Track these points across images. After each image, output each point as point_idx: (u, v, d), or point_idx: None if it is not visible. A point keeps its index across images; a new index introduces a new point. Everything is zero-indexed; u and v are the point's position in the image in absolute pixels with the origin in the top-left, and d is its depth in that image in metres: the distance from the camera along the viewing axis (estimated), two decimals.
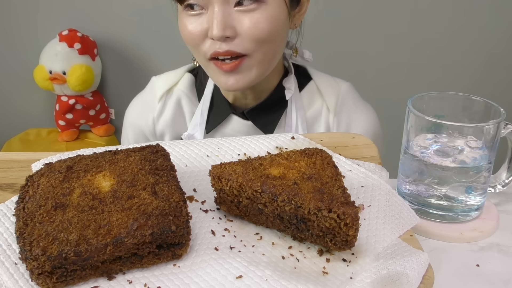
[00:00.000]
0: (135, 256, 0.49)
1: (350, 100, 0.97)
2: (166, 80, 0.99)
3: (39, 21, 2.08)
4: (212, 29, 0.79)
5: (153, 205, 0.51)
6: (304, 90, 0.96)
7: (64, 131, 2.09)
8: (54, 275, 0.47)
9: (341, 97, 0.96)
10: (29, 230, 0.49)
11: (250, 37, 0.80)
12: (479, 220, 0.66)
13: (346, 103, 0.96)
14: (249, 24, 0.80)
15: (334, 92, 0.96)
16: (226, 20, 0.79)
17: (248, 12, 0.80)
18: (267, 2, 0.80)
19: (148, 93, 1.00)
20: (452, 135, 0.65)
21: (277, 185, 0.53)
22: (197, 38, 0.83)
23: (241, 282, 0.48)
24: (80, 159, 0.59)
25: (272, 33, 0.82)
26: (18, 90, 2.19)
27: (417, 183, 0.65)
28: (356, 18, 1.97)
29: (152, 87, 1.00)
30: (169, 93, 0.98)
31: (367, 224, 0.56)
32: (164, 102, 0.97)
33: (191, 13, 0.82)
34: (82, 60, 1.97)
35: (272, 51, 0.85)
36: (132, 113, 1.01)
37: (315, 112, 0.96)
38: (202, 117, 0.94)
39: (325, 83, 0.97)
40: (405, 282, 0.49)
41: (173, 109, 0.97)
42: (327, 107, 0.95)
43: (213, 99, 0.96)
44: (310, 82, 0.97)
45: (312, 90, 0.97)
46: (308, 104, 0.96)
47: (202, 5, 0.81)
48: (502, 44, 1.99)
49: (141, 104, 1.01)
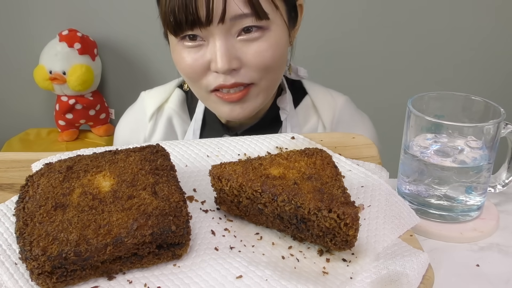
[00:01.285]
0: (135, 256, 0.49)
1: (347, 116, 0.95)
2: (156, 98, 0.95)
3: (39, 21, 2.08)
4: (216, 62, 0.75)
5: (153, 205, 0.51)
6: (299, 107, 0.94)
7: (64, 131, 2.09)
8: (54, 275, 0.47)
9: (337, 113, 0.93)
10: (29, 230, 0.49)
11: (256, 66, 0.77)
12: (479, 220, 0.66)
13: (343, 119, 0.94)
14: (254, 54, 0.76)
15: (330, 108, 0.93)
16: (230, 52, 0.75)
17: (252, 41, 0.76)
18: (270, 29, 0.77)
19: (138, 110, 0.98)
20: (452, 135, 0.65)
21: (277, 185, 0.53)
22: (198, 71, 0.78)
23: (241, 282, 0.48)
24: (80, 159, 0.59)
25: (277, 59, 0.79)
26: (18, 90, 2.19)
27: (417, 183, 0.65)
28: (356, 18, 1.97)
29: (142, 103, 0.97)
30: (159, 111, 0.95)
31: (367, 224, 0.56)
32: (155, 121, 0.94)
33: (189, 44, 0.77)
34: (82, 60, 1.97)
35: (278, 76, 0.83)
36: (124, 130, 0.99)
37: (311, 129, 0.93)
38: (195, 136, 0.92)
39: (320, 98, 0.94)
40: (405, 282, 0.49)
41: (164, 129, 0.94)
42: (323, 124, 0.93)
43: (205, 118, 0.93)
44: (306, 97, 0.95)
45: (308, 106, 0.94)
46: (304, 121, 0.93)
47: (202, 36, 0.76)
48: (502, 44, 1.99)
49: (132, 122, 0.98)
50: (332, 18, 1.96)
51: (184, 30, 0.76)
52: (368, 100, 1.01)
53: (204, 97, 0.84)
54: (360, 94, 1.02)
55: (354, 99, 1.01)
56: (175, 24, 0.75)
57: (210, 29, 0.74)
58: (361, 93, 1.01)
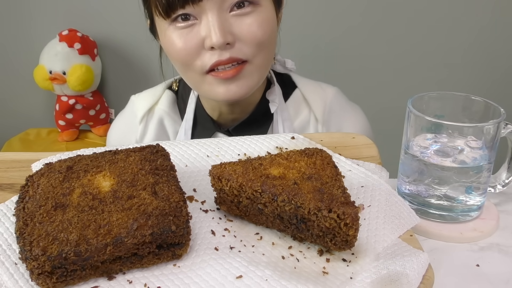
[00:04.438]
0: (135, 256, 0.49)
1: (338, 106, 0.95)
2: (146, 100, 0.96)
3: (39, 21, 2.08)
4: (211, 37, 0.76)
5: (153, 205, 0.51)
6: (289, 100, 0.94)
7: (64, 131, 2.09)
8: (54, 275, 0.47)
9: (328, 104, 0.94)
10: (29, 230, 0.49)
11: (250, 40, 0.78)
12: (479, 220, 0.66)
13: (334, 109, 0.94)
14: (247, 28, 0.77)
15: (320, 100, 0.94)
16: (224, 26, 0.76)
17: (244, 16, 0.77)
18: (261, 4, 0.79)
19: (128, 114, 0.98)
20: (452, 135, 0.65)
21: (277, 185, 0.53)
22: (192, 52, 0.78)
23: (241, 282, 0.48)
24: (80, 159, 0.59)
25: (269, 35, 0.80)
26: (18, 90, 2.19)
27: (417, 183, 0.65)
28: (356, 18, 1.97)
29: (133, 107, 0.97)
30: (150, 113, 0.95)
31: (367, 224, 0.56)
32: (145, 123, 0.95)
33: (181, 25, 0.78)
34: (82, 60, 1.97)
35: (270, 55, 0.83)
36: (115, 135, 0.99)
37: (303, 121, 0.93)
38: (186, 136, 0.92)
39: (310, 90, 0.95)
40: (405, 282, 0.49)
41: (155, 130, 0.94)
42: (314, 116, 0.93)
43: (196, 117, 0.93)
44: (296, 90, 0.95)
45: (298, 99, 0.94)
46: (295, 114, 0.93)
47: (195, 14, 0.76)
48: (502, 44, 1.99)
49: (123, 126, 0.98)
50: (331, 18, 1.95)
51: (175, 8, 0.76)
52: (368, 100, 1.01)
53: (198, 82, 0.83)
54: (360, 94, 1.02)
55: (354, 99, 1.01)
56: (166, 3, 0.75)
57: (202, 4, 0.75)
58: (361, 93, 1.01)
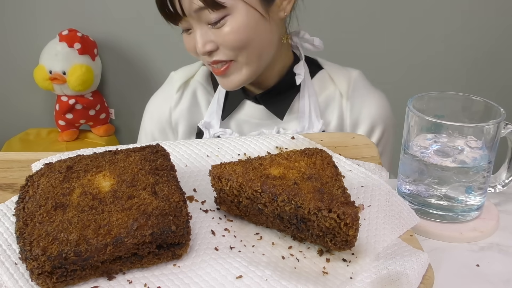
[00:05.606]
0: (135, 256, 0.49)
1: (362, 85, 1.01)
2: (184, 73, 1.06)
3: (39, 21, 2.07)
4: (197, 47, 0.89)
5: (153, 205, 0.51)
6: (315, 78, 1.00)
7: (64, 131, 2.09)
8: (54, 275, 0.47)
9: (352, 82, 1.00)
10: (29, 230, 0.49)
11: (228, 47, 0.88)
12: (479, 220, 0.66)
13: (358, 88, 1.00)
14: (224, 37, 0.87)
15: (345, 78, 1.00)
16: (204, 38, 0.88)
17: (219, 28, 0.87)
18: (232, 14, 0.86)
19: (166, 86, 1.07)
20: (452, 135, 0.65)
21: (277, 185, 0.53)
22: (193, 52, 0.93)
23: (241, 282, 0.48)
24: (80, 159, 0.59)
25: (245, 40, 0.87)
26: (18, 90, 2.19)
27: (417, 183, 0.65)
28: (356, 18, 1.97)
29: (171, 80, 1.07)
30: (186, 85, 1.05)
31: (367, 224, 0.56)
32: (181, 93, 1.04)
33: (186, 31, 0.92)
34: (82, 60, 1.97)
35: (256, 51, 0.90)
36: (152, 105, 1.08)
37: (328, 97, 0.99)
38: (219, 105, 1.00)
39: (336, 71, 1.02)
40: (405, 282, 0.49)
41: (189, 99, 1.03)
42: (339, 92, 0.99)
43: None
44: (321, 70, 1.02)
45: (324, 77, 1.01)
46: (320, 90, 0.99)
47: (187, 26, 0.90)
48: (502, 44, 1.99)
49: (160, 97, 1.07)
50: (330, 18, 1.95)
51: (172, 22, 0.91)
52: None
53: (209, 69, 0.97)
54: None
55: None
56: (165, 18, 0.90)
57: (188, 19, 0.88)
58: None
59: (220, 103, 1.00)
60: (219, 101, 1.01)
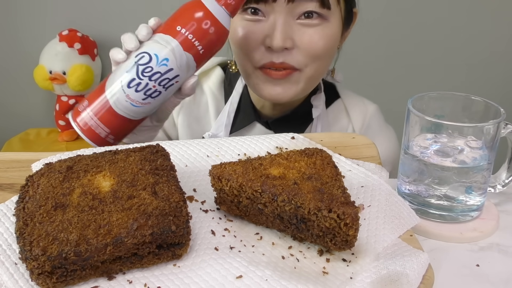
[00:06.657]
0: (135, 256, 0.49)
1: (376, 123, 0.98)
2: None
3: (39, 21, 2.07)
4: (272, 38, 0.79)
5: (153, 205, 0.51)
6: (330, 108, 0.97)
7: (64, 131, 2.09)
8: (54, 275, 0.47)
9: (367, 119, 0.97)
10: (29, 230, 0.49)
11: (307, 51, 0.80)
12: (479, 220, 0.66)
13: (372, 126, 0.97)
14: (309, 38, 0.80)
15: (361, 113, 0.97)
16: (287, 31, 0.79)
17: (309, 27, 0.79)
18: (329, 20, 0.81)
19: None
20: (452, 135, 0.65)
21: (277, 185, 0.53)
22: (252, 44, 0.81)
23: (241, 282, 0.48)
24: (80, 159, 0.59)
25: (327, 51, 0.82)
26: (18, 90, 2.19)
27: (417, 183, 0.65)
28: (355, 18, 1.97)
29: None
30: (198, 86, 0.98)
31: (367, 224, 0.56)
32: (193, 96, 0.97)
33: (249, 17, 0.81)
34: (82, 60, 1.97)
35: (323, 68, 0.85)
36: None
37: (340, 130, 0.97)
38: (229, 119, 0.95)
39: (353, 103, 0.98)
40: (405, 282, 0.49)
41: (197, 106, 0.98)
42: (352, 127, 0.96)
43: (240, 102, 0.96)
44: (338, 100, 0.98)
45: (339, 108, 0.98)
46: (333, 121, 0.96)
47: (264, 11, 0.79)
48: (502, 44, 1.99)
49: None
50: None
51: (250, 1, 0.79)
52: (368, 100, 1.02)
53: (249, 73, 0.86)
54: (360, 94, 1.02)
55: None
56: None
57: (275, 5, 0.78)
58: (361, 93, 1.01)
59: (231, 117, 0.95)
60: (229, 114, 0.95)
